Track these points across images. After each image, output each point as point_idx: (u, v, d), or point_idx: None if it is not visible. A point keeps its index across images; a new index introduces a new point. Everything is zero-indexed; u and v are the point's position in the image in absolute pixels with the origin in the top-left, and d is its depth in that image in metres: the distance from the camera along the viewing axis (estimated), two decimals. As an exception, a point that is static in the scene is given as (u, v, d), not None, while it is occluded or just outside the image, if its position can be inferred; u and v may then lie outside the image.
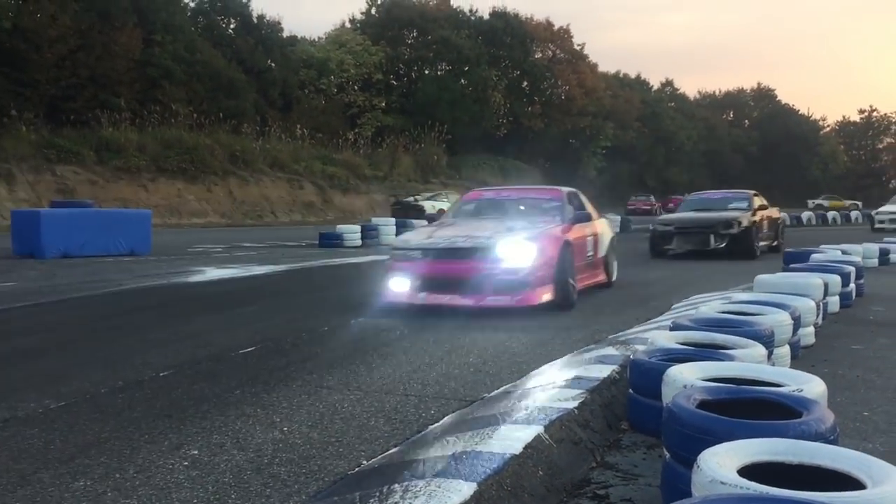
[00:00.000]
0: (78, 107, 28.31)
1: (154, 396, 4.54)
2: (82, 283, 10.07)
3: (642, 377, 3.77)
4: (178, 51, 32.77)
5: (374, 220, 21.35)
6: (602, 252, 9.89)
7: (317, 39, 47.24)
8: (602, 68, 61.03)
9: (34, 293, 9.04)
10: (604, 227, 10.21)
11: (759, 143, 75.44)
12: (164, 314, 7.86)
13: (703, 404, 2.86)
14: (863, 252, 12.67)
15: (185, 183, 28.65)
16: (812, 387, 3.17)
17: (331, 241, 18.07)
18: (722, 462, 2.25)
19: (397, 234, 20.08)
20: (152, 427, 3.96)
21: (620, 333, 6.26)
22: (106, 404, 4.38)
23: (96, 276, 10.74)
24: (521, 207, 9.32)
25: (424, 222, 17.85)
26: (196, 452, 3.59)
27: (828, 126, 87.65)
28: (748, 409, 2.91)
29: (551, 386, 4.18)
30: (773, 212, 17.38)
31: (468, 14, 54.16)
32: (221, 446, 3.67)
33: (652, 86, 72.22)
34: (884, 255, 13.92)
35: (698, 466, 2.25)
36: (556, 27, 55.88)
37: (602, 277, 9.92)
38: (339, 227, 19.28)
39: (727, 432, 2.54)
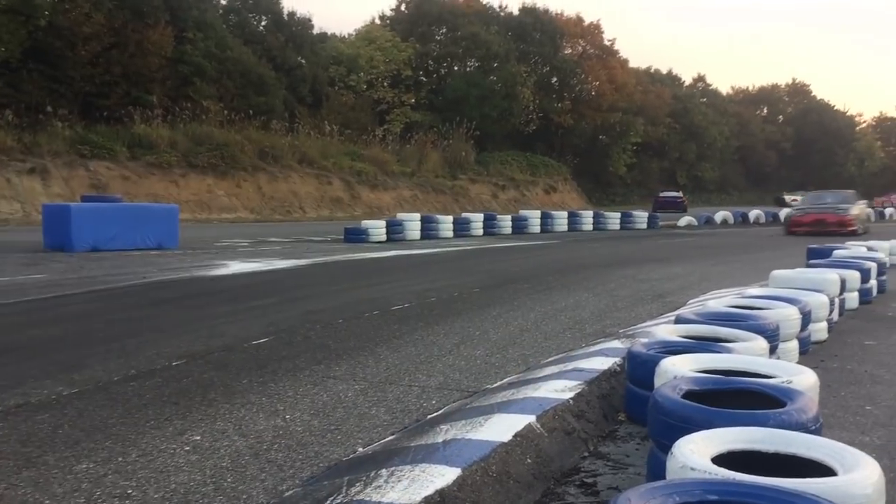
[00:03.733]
0: (111, 104, 28.75)
1: (164, 384, 4.65)
2: (108, 275, 10.26)
3: (638, 368, 3.79)
4: (210, 48, 33.09)
5: (400, 216, 21.43)
6: None
7: (346, 36, 47.48)
8: (633, 64, 60.53)
9: (60, 285, 9.23)
10: None
11: (793, 139, 74.32)
12: (182, 306, 8.00)
13: (688, 394, 2.88)
14: (889, 249, 12.47)
15: (215, 179, 28.95)
16: (802, 378, 3.17)
17: (356, 237, 18.17)
18: (696, 449, 2.27)
19: (422, 229, 20.25)
20: (159, 413, 4.06)
21: (630, 328, 6.27)
22: (116, 392, 4.50)
23: (122, 269, 10.94)
24: None
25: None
26: (198, 438, 3.68)
27: (864, 122, 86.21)
28: (734, 399, 2.92)
29: (550, 377, 4.20)
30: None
31: (497, 10, 54.01)
32: (223, 432, 3.76)
33: (683, 81, 71.48)
34: (912, 251, 13.68)
35: (672, 453, 2.28)
36: (586, 23, 55.51)
37: None
38: (363, 222, 19.38)
39: (706, 421, 2.56)
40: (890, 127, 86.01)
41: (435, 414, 3.97)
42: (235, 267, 11.50)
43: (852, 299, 7.64)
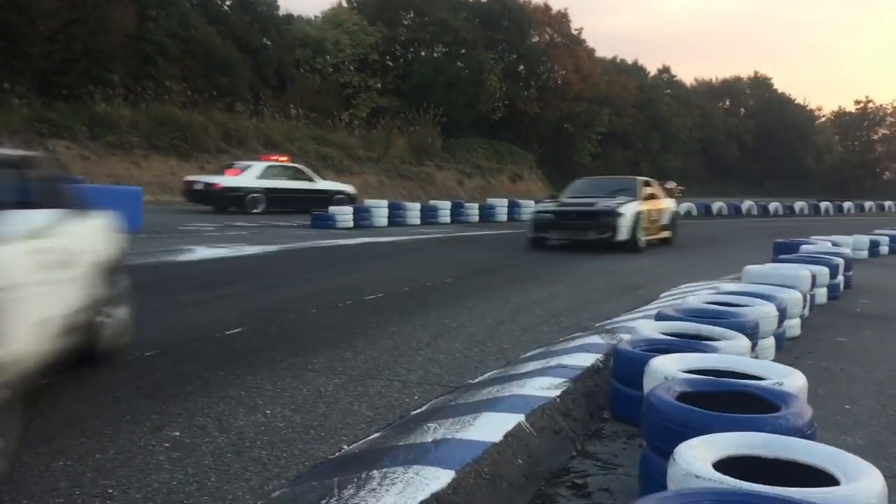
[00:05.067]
0: (71, 81, 28.04)
1: (137, 376, 4.54)
2: (71, 260, 10.02)
3: (625, 367, 3.78)
4: (173, 27, 32.46)
5: (367, 203, 21.28)
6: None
7: (313, 18, 46.92)
8: (599, 53, 60.77)
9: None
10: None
11: (754, 131, 75.36)
12: (149, 293, 7.81)
13: (682, 396, 2.87)
14: (853, 243, 12.72)
15: (178, 160, 28.44)
16: (792, 380, 3.19)
17: (323, 223, 18.01)
18: (698, 455, 2.26)
19: (390, 216, 20.12)
20: (134, 408, 3.96)
21: (607, 321, 6.28)
22: (88, 384, 4.37)
23: (85, 254, 10.68)
24: None
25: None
26: (178, 434, 3.59)
27: (823, 116, 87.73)
28: (728, 401, 2.92)
29: (534, 374, 4.18)
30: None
31: (466, -4, 53.84)
32: (203, 428, 3.68)
33: (648, 72, 71.95)
34: (874, 246, 13.99)
35: (674, 459, 2.26)
36: (553, 11, 55.56)
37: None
38: (331, 208, 19.20)
39: (704, 425, 2.56)
40: (848, 122, 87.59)
41: (419, 410, 3.92)
42: (202, 252, 11.31)
43: (821, 295, 7.76)
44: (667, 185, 47.09)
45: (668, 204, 16.57)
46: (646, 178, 16.58)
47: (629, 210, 13.86)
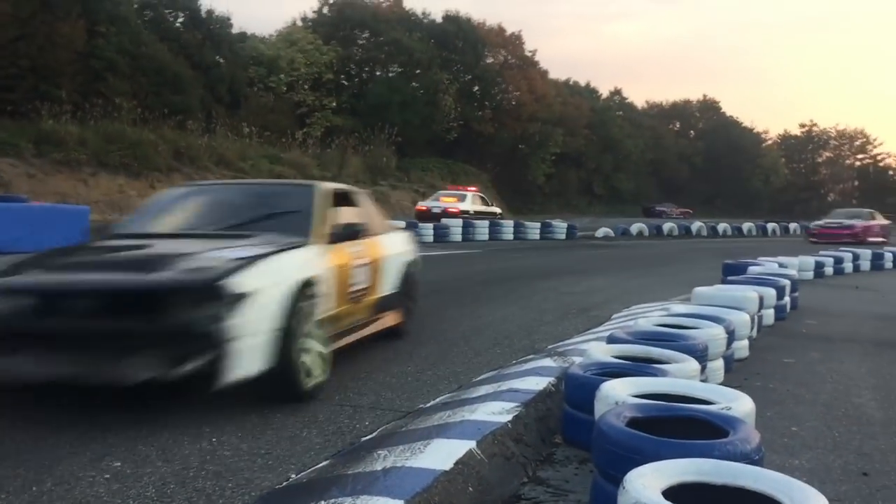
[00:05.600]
0: (17, 98, 27.43)
1: (78, 404, 4.40)
2: (13, 281, 9.74)
3: (577, 391, 3.78)
4: (123, 43, 32.02)
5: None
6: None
7: (267, 37, 46.68)
8: (552, 75, 61.57)
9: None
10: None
11: (703, 153, 76.84)
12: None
13: (632, 422, 2.87)
14: (799, 265, 12.99)
15: (127, 178, 27.96)
16: (740, 404, 3.21)
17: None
18: (647, 483, 2.25)
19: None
20: (74, 437, 3.83)
21: (560, 344, 6.29)
22: (27, 412, 4.23)
23: (29, 274, 10.40)
24: None
25: None
26: (119, 464, 3.48)
27: (770, 139, 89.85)
28: (677, 426, 2.93)
29: (486, 398, 4.15)
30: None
31: (421, 17, 54.10)
32: (146, 458, 3.57)
33: (601, 94, 73.07)
34: (819, 267, 14.31)
35: (624, 487, 2.25)
36: (507, 33, 56.13)
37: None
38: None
39: (654, 452, 2.56)
40: (793, 145, 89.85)
41: (369, 437, 3.86)
42: (151, 273, 11.07)
43: (769, 316, 7.88)
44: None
45: (390, 246, 6.86)
46: (345, 189, 6.87)
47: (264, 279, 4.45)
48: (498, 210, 31.17)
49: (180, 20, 40.03)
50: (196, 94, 35.18)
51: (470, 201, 28.09)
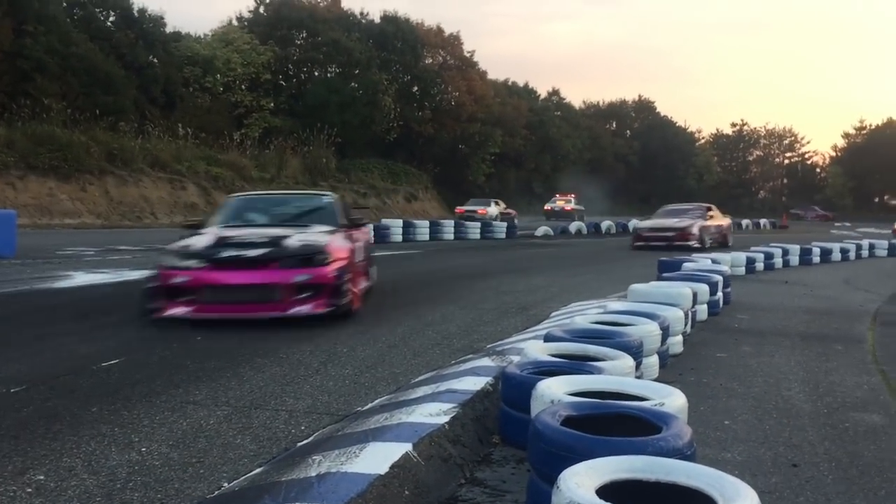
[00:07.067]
0: (-62, 98, 26.56)
1: (2, 415, 4.23)
2: (-67, 289, 9.35)
3: (513, 390, 3.78)
4: (52, 43, 31.12)
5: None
6: None
7: (202, 36, 45.90)
8: (491, 76, 62.02)
9: None
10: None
11: (639, 152, 78.24)
12: (22, 323, 7.38)
13: (567, 420, 2.87)
14: (731, 261, 13.29)
15: (57, 181, 27.17)
16: (673, 400, 3.24)
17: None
18: (581, 482, 2.24)
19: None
20: (-5, 450, 3.67)
21: (498, 343, 6.29)
22: (-55, 425, 4.04)
23: (-50, 282, 10.00)
24: None
25: None
26: (42, 478, 3.35)
27: (703, 138, 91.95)
28: (612, 423, 2.95)
29: (424, 399, 4.12)
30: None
31: (359, 17, 53.90)
32: (71, 470, 3.44)
33: (539, 94, 73.84)
34: (750, 263, 14.66)
35: (558, 487, 2.24)
36: (446, 33, 56.28)
37: None
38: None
39: (588, 450, 2.56)
40: (725, 143, 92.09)
41: (305, 442, 3.80)
42: (81, 278, 10.78)
43: (702, 311, 8.03)
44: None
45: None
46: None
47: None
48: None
49: (111, 19, 39.11)
50: (129, 95, 34.41)
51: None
